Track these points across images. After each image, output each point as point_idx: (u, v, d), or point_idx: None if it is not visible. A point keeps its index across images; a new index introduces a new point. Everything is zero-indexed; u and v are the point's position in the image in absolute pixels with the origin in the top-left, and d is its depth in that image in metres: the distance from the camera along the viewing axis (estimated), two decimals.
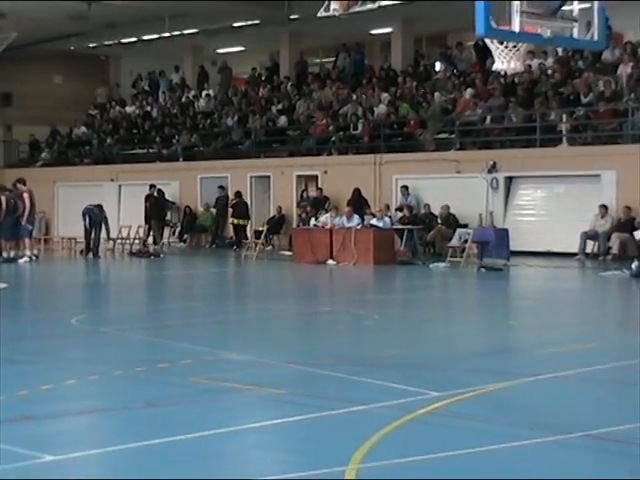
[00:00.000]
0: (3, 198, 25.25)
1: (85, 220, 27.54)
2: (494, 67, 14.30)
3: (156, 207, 30.97)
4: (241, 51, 38.33)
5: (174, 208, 32.63)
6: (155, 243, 30.40)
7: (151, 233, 30.47)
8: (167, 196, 31.96)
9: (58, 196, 35.27)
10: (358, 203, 26.51)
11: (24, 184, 25.90)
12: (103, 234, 27.69)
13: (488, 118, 27.66)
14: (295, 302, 17.54)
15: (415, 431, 7.11)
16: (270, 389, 8.60)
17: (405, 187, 27.14)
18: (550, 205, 25.69)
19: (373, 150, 28.69)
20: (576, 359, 10.23)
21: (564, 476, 6.03)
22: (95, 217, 27.43)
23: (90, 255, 27.21)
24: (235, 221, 30.16)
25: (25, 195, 25.47)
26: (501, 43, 12.61)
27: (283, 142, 32.14)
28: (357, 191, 27.23)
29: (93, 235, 27.57)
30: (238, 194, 30.38)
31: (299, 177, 30.17)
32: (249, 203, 30.71)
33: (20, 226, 25.29)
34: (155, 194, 31.28)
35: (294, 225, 28.51)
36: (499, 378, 9.01)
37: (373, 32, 33.88)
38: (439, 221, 25.52)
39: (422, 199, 26.90)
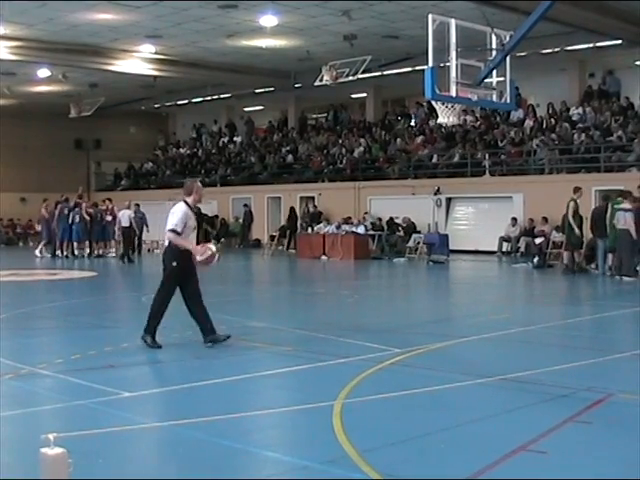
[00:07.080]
0: (92, 212, 25.38)
1: (132, 224, 24.85)
2: (438, 121, 14.29)
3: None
4: (261, 109, 38.24)
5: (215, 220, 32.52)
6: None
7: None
8: (207, 212, 31.53)
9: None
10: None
11: (110, 201, 26.10)
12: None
13: (434, 156, 27.68)
14: (298, 285, 17.57)
15: (383, 376, 7.14)
16: (281, 347, 8.63)
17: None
18: (477, 217, 25.68)
19: (353, 179, 28.62)
20: (494, 325, 10.25)
21: (486, 406, 6.08)
22: (138, 220, 25.07)
23: (134, 253, 24.44)
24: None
25: (109, 210, 25.66)
26: (443, 104, 12.63)
27: (290, 173, 32.04)
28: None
29: (137, 236, 25.21)
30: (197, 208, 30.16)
31: (302, 198, 30.11)
32: (266, 218, 30.67)
33: (106, 232, 25.38)
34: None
35: (298, 231, 28.46)
36: (441, 339, 9.03)
37: (353, 96, 33.79)
38: (400, 228, 25.52)
39: (388, 213, 26.79)
